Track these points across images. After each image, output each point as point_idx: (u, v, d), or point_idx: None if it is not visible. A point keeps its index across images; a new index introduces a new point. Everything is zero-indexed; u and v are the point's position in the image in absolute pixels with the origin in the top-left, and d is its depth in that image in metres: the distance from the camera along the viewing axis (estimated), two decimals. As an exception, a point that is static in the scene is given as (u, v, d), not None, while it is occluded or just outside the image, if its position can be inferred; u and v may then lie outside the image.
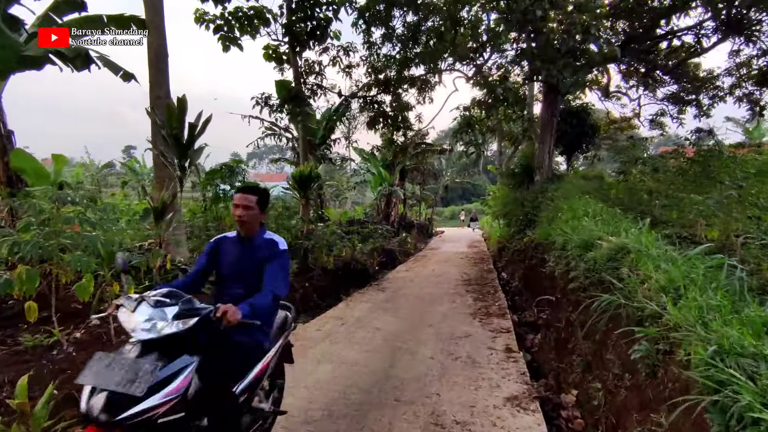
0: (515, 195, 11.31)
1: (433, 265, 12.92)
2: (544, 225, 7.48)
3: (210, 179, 9.33)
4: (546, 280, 6.59)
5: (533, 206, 9.80)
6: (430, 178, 27.83)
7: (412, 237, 20.42)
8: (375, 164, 19.29)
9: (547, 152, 11.52)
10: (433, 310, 7.03)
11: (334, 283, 8.76)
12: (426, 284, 9.59)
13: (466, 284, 9.47)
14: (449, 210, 50.71)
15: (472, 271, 11.54)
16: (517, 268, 10.34)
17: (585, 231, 4.97)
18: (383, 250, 13.89)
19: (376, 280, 10.42)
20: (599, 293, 3.96)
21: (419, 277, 10.74)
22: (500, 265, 13.41)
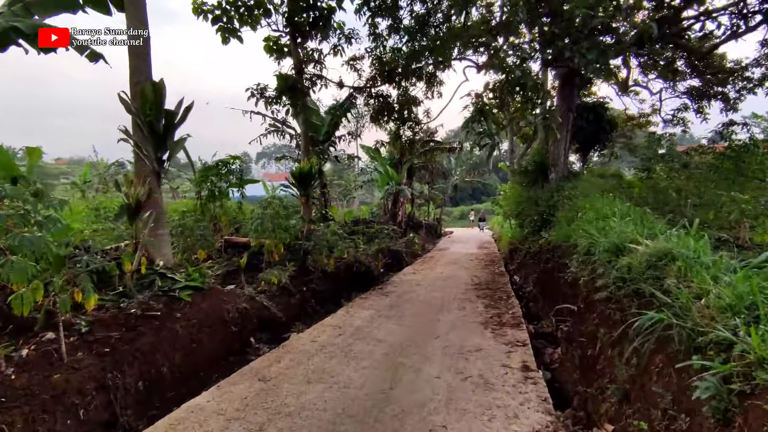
0: (529, 194, 10.67)
1: (441, 267, 12.32)
2: (562, 226, 6.86)
3: (204, 176, 8.83)
4: (566, 287, 5.96)
5: (549, 205, 9.16)
6: (438, 177, 27.19)
7: (419, 237, 19.81)
8: (382, 162, 18.72)
9: (562, 148, 10.85)
10: (440, 318, 6.44)
11: (334, 287, 8.22)
12: (433, 288, 8.99)
13: (476, 288, 8.85)
14: (458, 210, 49.93)
15: (483, 274, 10.91)
16: (531, 272, 9.70)
17: (615, 233, 4.34)
18: (389, 251, 13.32)
19: (381, 283, 9.85)
20: (636, 307, 3.35)
21: (426, 280, 10.15)
22: (512, 267, 12.77)
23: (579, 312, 5.03)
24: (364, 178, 23.92)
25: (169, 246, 6.04)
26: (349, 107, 14.21)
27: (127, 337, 3.61)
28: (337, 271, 8.63)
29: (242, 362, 4.58)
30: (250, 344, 5.14)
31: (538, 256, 8.70)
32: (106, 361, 3.27)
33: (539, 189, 10.45)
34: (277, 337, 5.58)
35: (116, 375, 3.25)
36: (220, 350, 4.64)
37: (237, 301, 5.31)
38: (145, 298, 4.27)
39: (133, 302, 4.11)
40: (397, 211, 18.87)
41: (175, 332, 4.02)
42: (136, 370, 3.46)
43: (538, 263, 8.83)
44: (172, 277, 4.79)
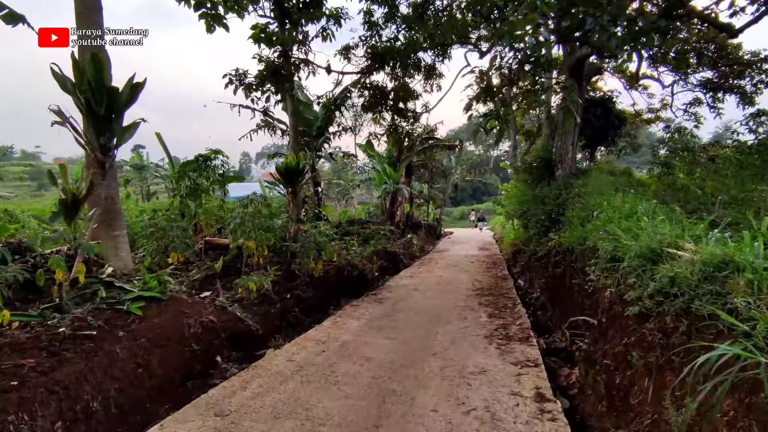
0: (534, 192, 9.95)
1: (440, 271, 11.59)
2: (575, 227, 6.13)
3: (183, 172, 8.11)
4: (581, 296, 5.24)
5: (557, 204, 8.44)
6: (438, 177, 26.48)
7: (418, 238, 19.09)
8: (379, 160, 18.01)
9: (570, 144, 10.14)
10: (439, 330, 5.72)
11: (323, 294, 7.49)
12: (432, 294, 8.27)
13: (478, 294, 8.13)
14: (459, 210, 49.23)
15: (485, 278, 10.19)
16: (538, 276, 8.98)
17: (647, 235, 3.62)
18: (385, 253, 12.60)
19: (375, 288, 9.12)
20: (687, 329, 2.63)
21: (424, 284, 9.42)
22: (516, 270, 12.05)
23: (600, 327, 4.30)
24: (362, 177, 23.17)
25: (127, 249, 5.32)
26: (343, 101, 13.49)
27: (45, 365, 2.88)
28: (326, 276, 7.91)
29: (204, 387, 3.85)
30: (217, 364, 4.42)
31: (546, 259, 7.98)
32: (7, 399, 2.54)
33: (545, 187, 9.73)
34: (251, 355, 4.85)
35: (21, 418, 2.53)
36: (177, 374, 3.91)
37: (203, 313, 4.59)
38: (84, 312, 3.55)
39: (66, 319, 3.39)
40: (395, 211, 18.15)
41: (114, 355, 3.29)
42: (53, 409, 2.73)
43: (546, 267, 8.10)
44: (122, 286, 4.07)
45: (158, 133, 8.92)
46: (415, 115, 12.88)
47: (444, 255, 15.76)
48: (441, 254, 16.09)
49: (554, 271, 7.22)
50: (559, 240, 6.54)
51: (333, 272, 8.23)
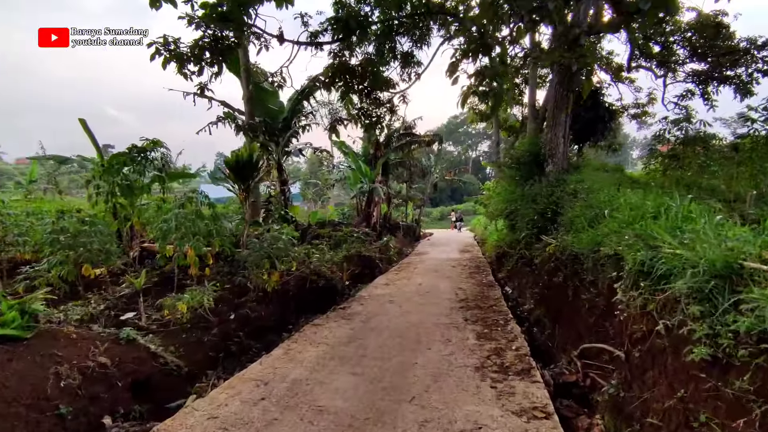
0: (522, 190, 8.96)
1: (419, 277, 10.48)
2: (580, 228, 5.10)
3: (111, 165, 6.74)
4: (594, 315, 4.18)
5: (550, 203, 7.44)
6: (417, 176, 25.47)
7: (396, 240, 17.98)
8: (354, 158, 16.82)
9: (561, 136, 9.18)
10: (417, 359, 4.57)
11: (279, 311, 6.26)
12: (409, 307, 7.13)
13: (463, 307, 7.03)
14: (438, 211, 48.43)
15: (469, 286, 9.12)
16: (529, 283, 7.96)
17: (709, 243, 2.55)
18: (359, 258, 11.42)
19: (345, 299, 7.93)
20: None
21: (401, 295, 8.28)
22: (501, 275, 11.05)
23: (631, 363, 3.23)
24: (337, 176, 21.93)
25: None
26: (311, 92, 12.24)
27: None
28: (285, 289, 6.68)
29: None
30: (104, 428, 3.14)
31: (539, 265, 6.95)
32: None
33: (535, 184, 8.75)
34: (163, 407, 3.59)
35: None
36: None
37: (92, 353, 3.30)
38: None
39: None
40: (371, 212, 16.98)
41: None
42: None
43: (539, 274, 7.08)
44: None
45: (82, 120, 7.50)
46: (392, 107, 11.74)
47: (424, 258, 14.67)
48: (420, 258, 15.01)
49: (551, 280, 6.19)
50: (559, 244, 5.49)
51: (294, 284, 7.00)
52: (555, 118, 9.18)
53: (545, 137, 9.46)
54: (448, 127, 72.66)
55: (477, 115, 15.67)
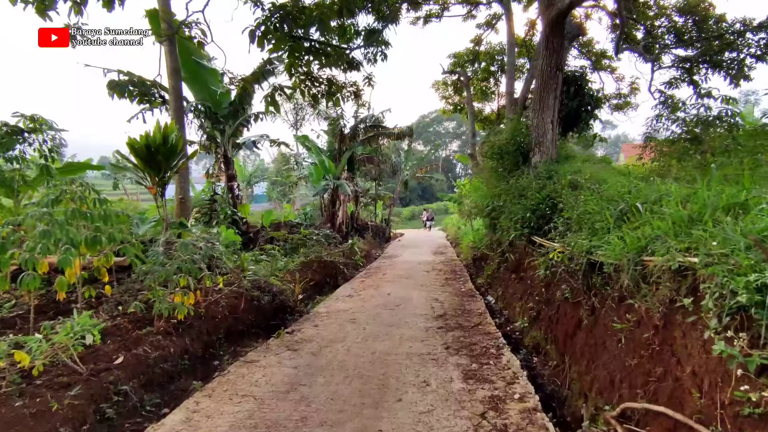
0: (506, 184, 7.69)
1: (389, 285, 9.07)
2: (599, 228, 3.81)
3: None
4: (638, 355, 2.87)
5: (543, 198, 6.18)
6: (386, 175, 24.13)
7: (365, 242, 16.54)
8: (316, 152, 15.23)
9: (549, 122, 8.00)
10: (382, 423, 3.14)
11: (198, 344, 4.66)
12: (375, 328, 5.70)
13: (442, 327, 5.67)
14: (408, 210, 47.32)
15: (447, 296, 7.79)
16: (518, 293, 6.70)
17: None
18: (320, 265, 9.91)
19: (297, 319, 6.43)
20: None
21: (366, 310, 6.84)
22: (480, 281, 9.80)
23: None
24: (300, 173, 20.26)
25: None
26: (263, 72, 10.61)
27: None
28: (211, 313, 5.09)
29: None
30: None
31: (533, 274, 5.67)
32: None
33: (522, 176, 7.50)
34: None
35: None
36: None
37: None
38: None
39: None
40: (336, 212, 15.47)
41: None
42: None
43: (534, 285, 5.81)
44: None
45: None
46: (357, 91, 10.28)
47: (394, 262, 13.28)
48: (391, 261, 13.61)
49: (553, 293, 4.90)
50: (567, 248, 4.18)
51: (226, 303, 5.42)
52: (542, 101, 7.99)
53: (531, 123, 8.25)
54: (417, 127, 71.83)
55: (450, 105, 14.44)
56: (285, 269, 8.89)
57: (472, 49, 14.61)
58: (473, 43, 14.62)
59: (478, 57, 14.79)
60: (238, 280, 5.85)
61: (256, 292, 6.18)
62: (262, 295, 6.29)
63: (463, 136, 77.96)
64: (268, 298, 6.34)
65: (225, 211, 10.10)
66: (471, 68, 14.88)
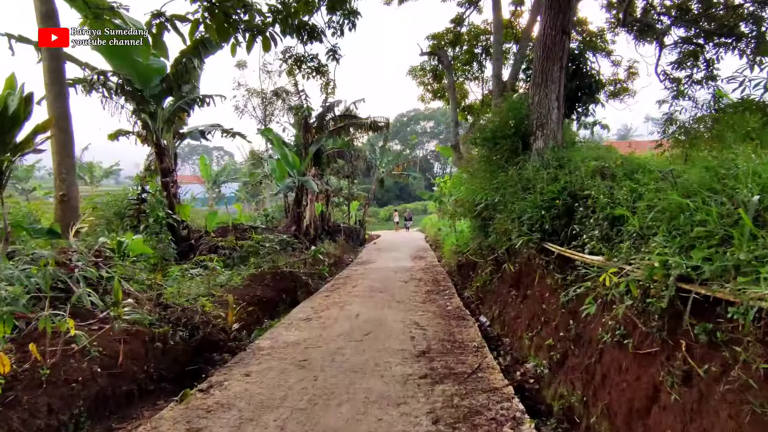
0: (505, 176, 6.08)
1: (358, 302, 7.36)
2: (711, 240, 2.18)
3: None
4: None
5: (559, 192, 4.59)
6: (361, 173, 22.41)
7: (336, 246, 14.77)
8: (278, 145, 13.33)
9: (554, 99, 6.46)
10: None
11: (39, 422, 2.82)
12: (331, 380, 3.98)
13: (426, 376, 3.99)
14: (386, 210, 45.67)
15: (429, 319, 6.14)
16: (523, 317, 5.09)
17: None
18: (275, 278, 8.12)
19: (224, 362, 4.64)
20: None
21: (323, 344, 5.11)
22: (468, 294, 8.21)
23: None
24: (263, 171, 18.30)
25: None
26: (211, 44, 8.70)
27: None
28: (61, 376, 3.25)
29: None
30: None
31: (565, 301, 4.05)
32: None
33: (526, 165, 5.91)
34: None
35: None
36: None
37: None
38: None
39: None
40: (303, 213, 13.62)
41: None
42: None
43: (550, 310, 4.20)
44: None
45: None
46: (319, 66, 8.51)
47: (367, 270, 11.57)
48: (364, 268, 11.89)
49: (589, 329, 3.29)
50: (636, 269, 2.56)
51: (102, 354, 3.58)
52: (545, 72, 6.43)
53: (531, 101, 6.67)
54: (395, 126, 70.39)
55: (429, 92, 12.84)
56: (228, 285, 7.09)
57: (453, 29, 13.04)
58: (454, 23, 13.06)
59: (460, 39, 13.23)
60: (137, 309, 4.00)
61: (164, 326, 4.36)
62: (176, 330, 4.48)
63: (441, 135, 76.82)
64: (183, 334, 4.53)
65: (156, 213, 8.16)
66: (452, 51, 13.32)
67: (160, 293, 4.93)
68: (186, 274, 6.51)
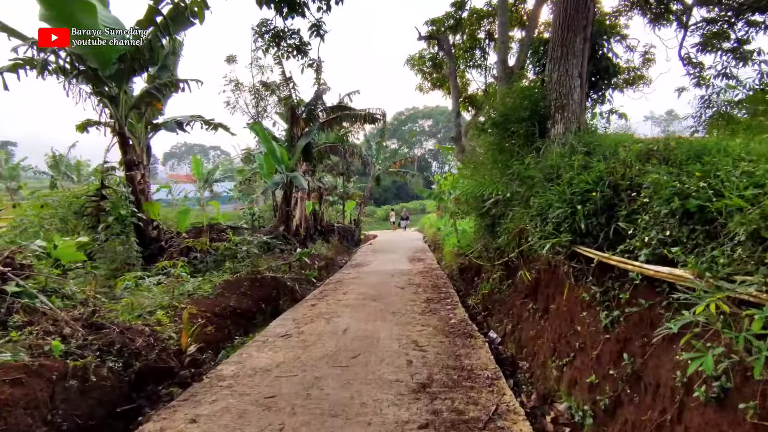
0: (520, 165, 5.09)
1: (348, 313, 6.38)
2: None
3: None
4: None
5: (595, 182, 3.61)
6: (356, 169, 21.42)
7: (329, 248, 13.77)
8: (265, 137, 12.32)
9: (576, 75, 5.50)
10: None
11: None
12: (301, 429, 2.99)
13: (428, 425, 3.01)
14: (383, 210, 44.68)
15: (430, 336, 5.17)
16: (545, 336, 4.13)
17: None
18: (253, 284, 7.13)
19: (169, 398, 3.65)
20: None
21: (300, 371, 4.13)
22: (472, 301, 7.24)
23: None
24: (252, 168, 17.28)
25: None
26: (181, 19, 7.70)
27: None
28: None
29: None
30: None
31: (607, 324, 3.07)
32: None
33: (547, 151, 4.94)
34: None
35: None
36: None
37: None
38: None
39: None
40: (291, 212, 12.62)
41: None
42: None
43: (588, 332, 3.22)
44: None
45: None
46: (301, 44, 7.52)
47: (361, 273, 10.59)
48: (357, 272, 10.91)
49: (661, 369, 2.31)
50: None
51: None
52: (565, 44, 5.46)
53: (548, 78, 5.69)
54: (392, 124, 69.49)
55: (429, 81, 11.85)
56: (197, 294, 6.10)
57: (454, 13, 12.07)
58: (454, 6, 12.08)
59: (461, 24, 12.26)
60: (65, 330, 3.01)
61: (89, 355, 3.37)
62: (104, 359, 3.49)
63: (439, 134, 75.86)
64: (115, 365, 3.54)
65: (118, 211, 7.15)
66: (453, 38, 12.36)
67: (94, 310, 3.92)
68: (142, 284, 5.50)
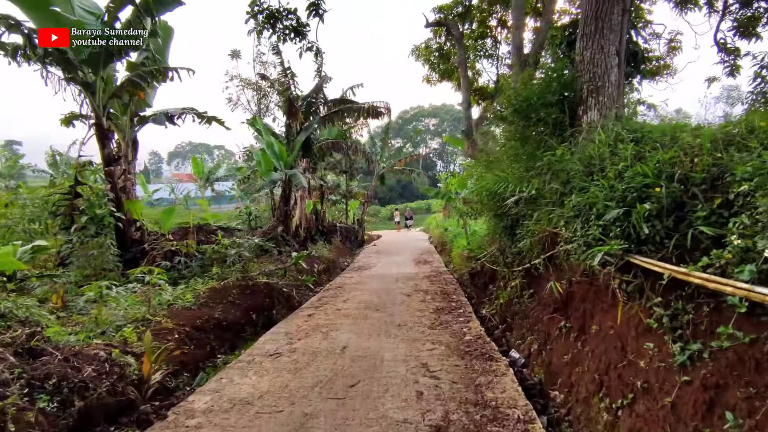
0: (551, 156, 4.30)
1: (347, 326, 5.64)
2: None
3: None
4: None
5: (654, 174, 2.83)
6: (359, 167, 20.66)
7: (331, 249, 13.04)
8: (265, 133, 11.59)
9: (613, 53, 4.72)
10: None
11: None
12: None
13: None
14: (388, 209, 43.88)
15: (442, 357, 4.41)
16: (583, 365, 3.35)
17: None
18: (243, 292, 6.41)
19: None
20: None
21: (286, 405, 3.39)
22: (487, 311, 6.46)
23: None
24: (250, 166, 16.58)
25: None
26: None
27: None
28: None
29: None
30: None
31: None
32: None
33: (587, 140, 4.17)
34: None
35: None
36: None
37: None
38: None
39: None
40: (291, 211, 11.89)
41: None
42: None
43: (652, 368, 2.45)
44: None
45: None
46: (298, 26, 6.79)
47: (364, 278, 9.84)
48: (360, 276, 10.17)
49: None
50: None
51: None
52: (600, 17, 4.68)
53: (579, 58, 4.91)
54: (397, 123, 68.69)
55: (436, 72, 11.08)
56: (177, 305, 5.39)
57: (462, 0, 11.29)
58: (464, -7, 11.31)
59: (470, 12, 11.48)
60: None
61: (10, 395, 2.64)
62: (34, 399, 2.76)
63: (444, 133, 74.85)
64: (48, 405, 2.81)
65: (93, 210, 6.45)
66: (462, 27, 11.58)
67: (33, 333, 3.20)
68: (109, 294, 4.79)
